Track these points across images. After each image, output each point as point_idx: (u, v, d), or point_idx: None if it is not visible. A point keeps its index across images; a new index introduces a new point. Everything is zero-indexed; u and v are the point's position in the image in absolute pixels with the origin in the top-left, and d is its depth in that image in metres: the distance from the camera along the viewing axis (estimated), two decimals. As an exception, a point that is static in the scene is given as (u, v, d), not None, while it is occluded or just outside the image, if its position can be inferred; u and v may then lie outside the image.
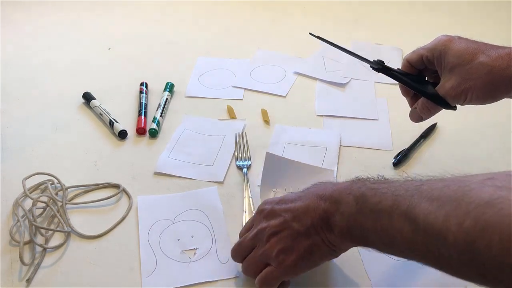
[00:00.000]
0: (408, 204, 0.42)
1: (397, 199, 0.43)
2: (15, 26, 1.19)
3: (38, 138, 0.84)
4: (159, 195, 0.73)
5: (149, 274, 0.61)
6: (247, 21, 1.23)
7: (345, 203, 0.49)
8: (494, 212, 0.35)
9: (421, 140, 0.83)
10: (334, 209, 0.50)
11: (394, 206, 0.43)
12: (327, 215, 0.50)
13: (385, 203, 0.44)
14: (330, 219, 0.50)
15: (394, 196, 0.44)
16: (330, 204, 0.50)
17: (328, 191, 0.52)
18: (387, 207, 0.44)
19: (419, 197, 0.42)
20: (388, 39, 1.13)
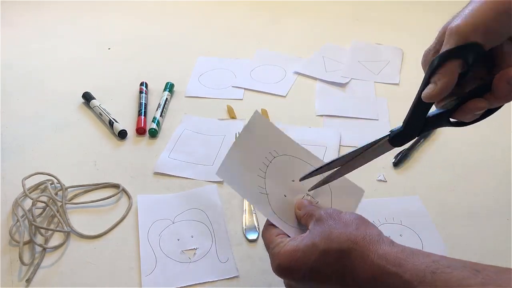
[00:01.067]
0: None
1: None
2: (15, 26, 1.19)
3: (38, 138, 0.84)
4: (158, 194, 0.73)
5: (148, 273, 0.61)
6: (247, 21, 1.23)
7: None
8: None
9: (421, 140, 0.83)
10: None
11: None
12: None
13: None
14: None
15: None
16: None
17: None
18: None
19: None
20: (388, 39, 1.13)
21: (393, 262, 0.41)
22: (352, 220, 0.46)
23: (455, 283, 0.37)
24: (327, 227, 0.46)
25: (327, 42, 1.13)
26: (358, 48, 1.11)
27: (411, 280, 0.39)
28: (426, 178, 0.77)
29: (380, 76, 1.01)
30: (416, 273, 0.39)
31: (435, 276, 0.38)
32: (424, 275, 0.38)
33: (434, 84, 0.44)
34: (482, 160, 0.80)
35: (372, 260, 0.42)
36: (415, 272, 0.39)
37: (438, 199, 0.73)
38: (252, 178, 0.54)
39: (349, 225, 0.46)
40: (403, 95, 0.96)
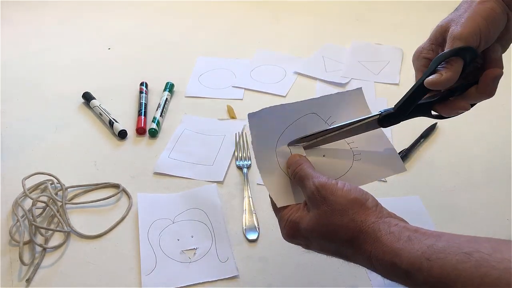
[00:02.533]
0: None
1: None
2: (15, 26, 1.19)
3: (38, 138, 0.84)
4: (159, 194, 0.73)
5: (148, 272, 0.61)
6: (247, 21, 1.23)
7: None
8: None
9: (421, 140, 0.83)
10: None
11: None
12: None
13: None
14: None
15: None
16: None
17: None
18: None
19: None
20: (388, 39, 1.13)
21: (390, 253, 0.42)
22: (348, 206, 0.46)
23: (450, 268, 0.38)
24: (324, 214, 0.46)
25: (327, 42, 1.13)
26: (358, 48, 1.11)
27: (409, 269, 0.40)
28: (426, 178, 0.77)
29: (380, 76, 1.01)
30: (412, 261, 0.40)
31: (430, 262, 0.39)
32: (420, 263, 0.39)
33: (440, 74, 0.50)
34: (482, 160, 0.80)
35: (370, 252, 0.43)
36: (412, 260, 0.40)
37: (438, 199, 0.73)
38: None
39: (345, 214, 0.45)
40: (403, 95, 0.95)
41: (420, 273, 0.39)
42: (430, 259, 0.39)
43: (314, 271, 0.62)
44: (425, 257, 0.39)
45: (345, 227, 0.45)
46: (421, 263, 0.39)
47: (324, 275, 0.61)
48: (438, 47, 0.54)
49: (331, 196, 0.46)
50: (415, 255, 0.40)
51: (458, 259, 0.38)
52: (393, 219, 0.45)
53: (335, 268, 0.62)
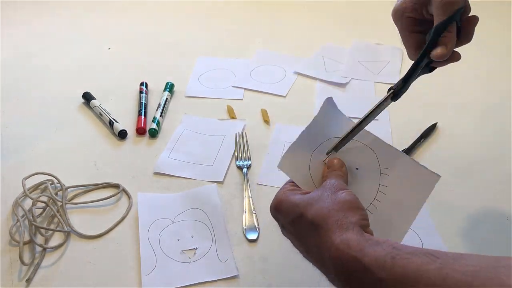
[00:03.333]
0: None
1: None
2: (15, 26, 1.19)
3: (38, 138, 0.84)
4: (159, 193, 0.73)
5: (148, 272, 0.61)
6: (247, 21, 1.23)
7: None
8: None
9: (421, 140, 0.83)
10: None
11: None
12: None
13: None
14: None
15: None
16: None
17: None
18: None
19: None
20: (388, 39, 1.13)
21: (354, 248, 0.41)
22: (342, 201, 0.46)
23: (413, 268, 0.37)
24: (317, 196, 0.47)
25: (327, 42, 1.13)
26: (358, 48, 1.11)
27: (371, 265, 0.39)
28: (426, 178, 0.77)
29: (380, 76, 1.01)
30: (376, 258, 0.39)
31: (394, 261, 0.38)
32: (384, 261, 0.39)
33: (445, 46, 0.52)
34: (482, 160, 0.80)
35: (332, 243, 0.43)
36: (374, 257, 0.40)
37: (438, 199, 0.73)
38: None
39: (335, 204, 0.46)
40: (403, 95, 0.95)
41: (381, 271, 0.39)
42: (395, 258, 0.39)
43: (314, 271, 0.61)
44: (390, 256, 0.39)
45: (325, 212, 0.45)
46: (385, 261, 0.39)
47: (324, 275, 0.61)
48: (422, 6, 0.55)
49: (339, 192, 0.47)
50: (380, 254, 0.40)
51: (422, 261, 0.37)
52: (371, 235, 0.44)
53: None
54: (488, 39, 0.63)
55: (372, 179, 0.55)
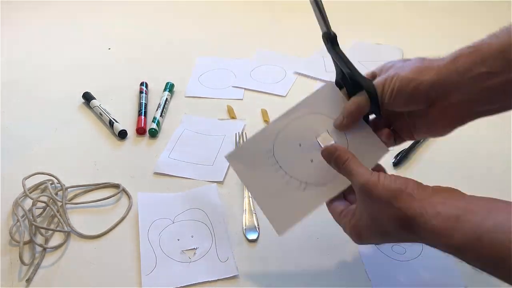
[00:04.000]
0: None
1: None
2: (15, 26, 1.19)
3: (38, 138, 0.84)
4: (159, 193, 0.73)
5: (148, 272, 0.61)
6: (247, 21, 1.23)
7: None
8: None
9: (421, 140, 0.83)
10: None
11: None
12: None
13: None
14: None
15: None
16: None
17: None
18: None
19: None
20: (388, 39, 1.13)
21: (444, 235, 0.44)
22: (390, 197, 0.47)
23: (499, 246, 0.40)
24: (373, 211, 0.49)
25: (327, 42, 1.13)
26: (358, 48, 1.11)
27: (461, 248, 0.42)
28: (426, 178, 0.76)
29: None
30: (464, 242, 0.42)
31: (480, 243, 0.41)
32: (472, 243, 0.41)
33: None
34: (482, 160, 0.80)
35: (422, 237, 0.46)
36: (462, 241, 0.42)
37: (438, 199, 0.73)
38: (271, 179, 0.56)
39: (389, 205, 0.47)
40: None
41: (471, 253, 0.41)
42: (481, 239, 0.41)
43: (314, 271, 0.62)
44: (475, 237, 0.41)
45: (393, 216, 0.47)
46: (472, 243, 0.41)
47: (324, 275, 0.61)
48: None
49: (375, 191, 0.48)
50: (466, 236, 0.42)
51: (507, 237, 0.39)
52: (439, 197, 0.47)
53: (335, 268, 0.62)
54: (488, 39, 0.63)
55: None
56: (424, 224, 0.45)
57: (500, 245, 0.39)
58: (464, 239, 0.42)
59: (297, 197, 0.55)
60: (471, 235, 0.41)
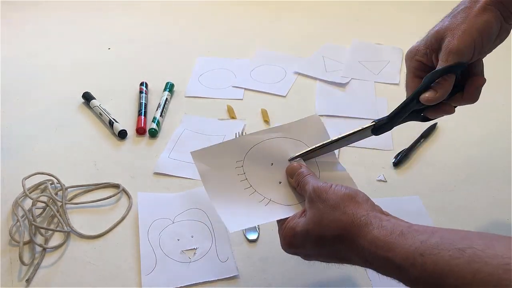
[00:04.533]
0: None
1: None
2: (15, 26, 1.19)
3: (38, 138, 0.84)
4: (159, 193, 0.73)
5: (148, 272, 0.61)
6: (247, 21, 1.23)
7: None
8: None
9: (421, 140, 0.83)
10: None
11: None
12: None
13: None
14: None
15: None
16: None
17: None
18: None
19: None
20: (388, 39, 1.13)
21: (383, 247, 0.42)
22: (339, 201, 0.47)
23: (443, 264, 0.38)
24: (317, 212, 0.48)
25: (327, 42, 1.13)
26: (358, 48, 1.11)
27: (403, 264, 0.40)
28: (426, 178, 0.77)
29: (380, 76, 1.01)
30: (406, 256, 0.40)
31: (423, 258, 0.39)
32: (414, 258, 0.40)
33: (435, 92, 0.53)
34: (482, 160, 0.80)
35: (363, 247, 0.44)
36: (405, 255, 0.40)
37: (438, 199, 0.73)
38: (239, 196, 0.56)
39: (336, 208, 0.47)
40: (403, 95, 0.95)
41: (413, 269, 0.39)
42: (424, 254, 0.39)
43: (314, 271, 0.62)
44: (419, 252, 0.40)
45: (337, 220, 0.46)
46: (415, 258, 0.40)
47: (324, 275, 0.62)
48: (432, 52, 0.56)
49: (324, 194, 0.48)
50: (409, 250, 0.40)
51: (451, 255, 0.38)
52: (384, 215, 0.46)
53: (335, 268, 0.62)
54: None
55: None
56: (365, 234, 0.44)
57: (443, 263, 0.38)
58: (407, 254, 0.40)
59: (257, 208, 0.55)
60: (413, 251, 0.40)
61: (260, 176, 0.57)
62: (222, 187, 0.56)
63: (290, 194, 0.56)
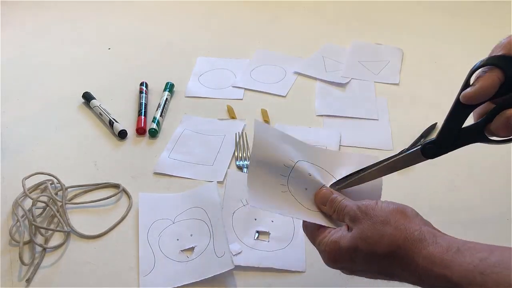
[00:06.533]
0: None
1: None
2: (15, 26, 1.19)
3: (38, 138, 0.84)
4: (160, 193, 0.73)
5: (146, 273, 0.61)
6: (247, 21, 1.23)
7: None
8: None
9: (421, 140, 0.83)
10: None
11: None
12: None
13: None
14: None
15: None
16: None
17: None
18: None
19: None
20: (388, 39, 1.13)
21: (440, 264, 0.40)
22: (389, 216, 0.45)
23: (505, 283, 0.36)
24: (366, 228, 0.45)
25: (327, 42, 1.13)
26: (358, 48, 1.11)
27: (460, 282, 0.38)
28: (426, 178, 0.77)
29: (380, 76, 1.01)
30: (464, 274, 0.38)
31: (484, 277, 0.37)
32: (473, 276, 0.38)
33: (472, 86, 0.45)
34: (482, 160, 0.80)
35: (417, 263, 0.41)
36: (464, 273, 0.38)
37: (438, 199, 0.73)
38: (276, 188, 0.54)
39: (387, 223, 0.44)
40: (403, 95, 0.96)
41: (473, 287, 0.37)
42: (484, 273, 0.37)
43: (314, 271, 0.62)
44: (479, 271, 0.38)
45: (389, 236, 0.44)
46: (474, 277, 0.37)
47: (324, 275, 0.61)
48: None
49: (372, 211, 0.46)
50: (467, 268, 0.38)
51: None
52: (437, 231, 0.44)
53: (335, 268, 0.62)
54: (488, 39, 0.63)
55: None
56: (420, 250, 0.41)
57: (506, 282, 0.36)
58: (465, 272, 0.38)
59: (285, 200, 0.53)
60: (472, 269, 0.38)
61: (300, 183, 0.55)
62: (263, 171, 0.54)
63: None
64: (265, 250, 0.64)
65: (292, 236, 0.66)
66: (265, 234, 0.66)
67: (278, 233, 0.66)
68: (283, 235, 0.66)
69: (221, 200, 0.71)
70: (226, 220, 0.67)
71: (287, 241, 0.66)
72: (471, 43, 1.08)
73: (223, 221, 0.67)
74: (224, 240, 0.64)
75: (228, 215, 0.68)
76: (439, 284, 0.40)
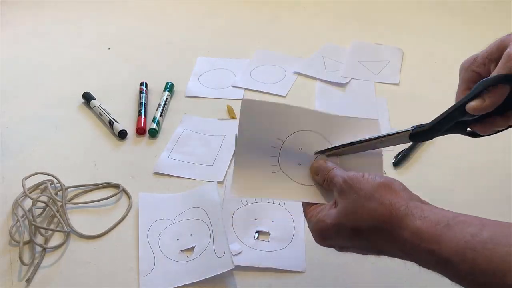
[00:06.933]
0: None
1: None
2: (15, 26, 1.19)
3: (38, 138, 0.84)
4: (160, 193, 0.73)
5: (146, 273, 0.61)
6: (247, 21, 1.23)
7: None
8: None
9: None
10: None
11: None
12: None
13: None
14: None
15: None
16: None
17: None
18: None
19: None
20: (388, 39, 1.13)
21: (428, 239, 0.39)
22: (374, 190, 0.44)
23: (498, 260, 0.35)
24: (351, 203, 0.45)
25: (327, 42, 1.13)
26: (358, 48, 1.11)
27: (451, 258, 0.38)
28: (426, 178, 0.77)
29: (380, 76, 1.01)
30: (455, 250, 0.37)
31: (476, 253, 0.36)
32: (464, 253, 0.37)
33: (482, 100, 0.46)
34: (482, 160, 0.80)
35: (405, 239, 0.41)
36: (454, 250, 0.37)
37: (438, 199, 0.72)
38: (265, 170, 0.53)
39: (371, 198, 0.44)
40: (403, 95, 0.96)
41: (463, 264, 0.37)
42: (476, 250, 0.36)
43: (314, 271, 0.62)
44: (470, 247, 0.37)
45: (373, 211, 0.43)
46: (465, 253, 0.37)
47: (324, 275, 0.61)
48: (491, 62, 0.50)
49: (357, 184, 0.45)
50: (458, 244, 0.37)
51: (507, 251, 0.35)
52: (424, 204, 0.43)
53: (336, 267, 0.62)
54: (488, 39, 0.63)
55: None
56: (406, 225, 0.40)
57: (499, 259, 0.35)
58: (456, 248, 0.37)
59: (277, 180, 0.53)
60: (464, 245, 0.37)
61: (289, 157, 0.54)
62: (250, 156, 0.53)
63: (309, 176, 0.53)
64: (265, 250, 0.64)
65: (292, 236, 0.66)
66: (265, 234, 0.66)
67: (278, 233, 0.66)
68: (283, 235, 0.66)
69: (221, 200, 0.71)
70: (226, 220, 0.67)
71: (287, 241, 0.66)
72: (471, 43, 1.08)
73: (223, 221, 0.67)
74: (224, 240, 0.64)
75: (228, 215, 0.68)
76: (428, 259, 0.39)
